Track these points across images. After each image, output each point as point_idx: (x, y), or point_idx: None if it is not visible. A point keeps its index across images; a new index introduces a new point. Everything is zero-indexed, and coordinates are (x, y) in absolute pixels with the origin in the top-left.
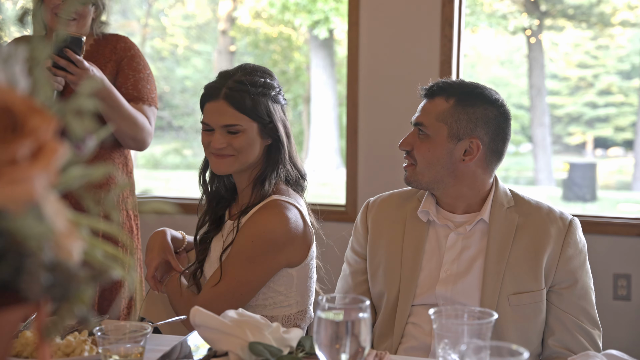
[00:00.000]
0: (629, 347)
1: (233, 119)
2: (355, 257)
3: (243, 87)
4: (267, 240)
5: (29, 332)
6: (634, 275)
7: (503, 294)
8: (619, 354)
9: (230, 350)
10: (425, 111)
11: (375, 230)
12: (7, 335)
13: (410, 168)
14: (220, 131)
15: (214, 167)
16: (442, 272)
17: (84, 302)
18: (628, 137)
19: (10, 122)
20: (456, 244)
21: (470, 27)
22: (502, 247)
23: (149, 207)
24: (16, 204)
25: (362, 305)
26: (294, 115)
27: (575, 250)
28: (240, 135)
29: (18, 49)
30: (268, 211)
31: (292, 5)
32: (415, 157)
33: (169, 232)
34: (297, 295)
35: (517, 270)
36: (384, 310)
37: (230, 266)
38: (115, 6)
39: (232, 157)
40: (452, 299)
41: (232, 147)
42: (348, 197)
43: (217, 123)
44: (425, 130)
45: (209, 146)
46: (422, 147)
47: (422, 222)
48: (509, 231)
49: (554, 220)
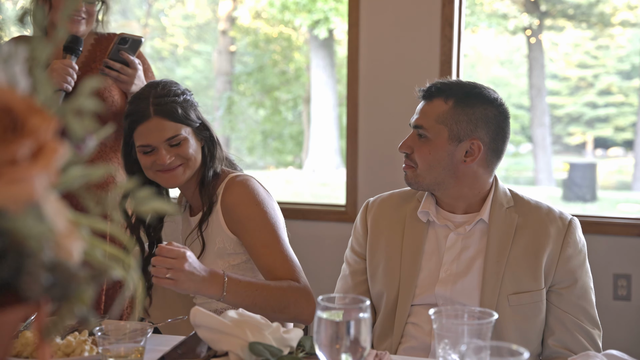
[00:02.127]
0: (629, 347)
1: (173, 130)
2: (355, 257)
3: (168, 99)
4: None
5: (29, 332)
6: (634, 275)
7: (503, 294)
8: (619, 354)
9: (230, 350)
10: (424, 113)
11: (374, 230)
12: (7, 335)
13: (411, 170)
14: (163, 147)
15: (166, 182)
16: (442, 272)
17: (84, 302)
18: (628, 137)
19: (10, 122)
20: (456, 244)
21: (470, 27)
22: (501, 247)
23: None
24: (16, 204)
25: (362, 305)
26: (294, 115)
27: (575, 250)
28: (183, 143)
29: (18, 49)
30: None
31: (292, 5)
32: (416, 160)
33: None
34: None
35: (517, 270)
36: (384, 310)
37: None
38: (115, 6)
39: (182, 166)
40: (451, 299)
41: (180, 157)
42: (348, 197)
43: (159, 140)
44: (425, 133)
45: (153, 166)
46: (423, 149)
47: (421, 222)
48: (509, 231)
49: (553, 220)
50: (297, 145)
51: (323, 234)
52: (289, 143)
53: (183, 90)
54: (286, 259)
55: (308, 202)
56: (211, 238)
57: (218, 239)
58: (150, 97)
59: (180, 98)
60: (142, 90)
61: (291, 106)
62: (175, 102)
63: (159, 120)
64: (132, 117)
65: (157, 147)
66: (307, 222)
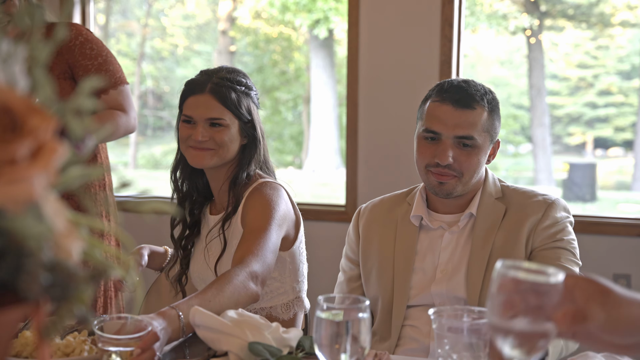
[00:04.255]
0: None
1: (218, 112)
2: (350, 264)
3: (228, 83)
4: (272, 211)
5: (29, 332)
6: (633, 275)
7: (488, 274)
8: None
9: (230, 350)
10: (472, 124)
11: (366, 235)
12: (6, 335)
13: (455, 180)
14: (203, 124)
15: (192, 160)
16: (438, 272)
17: (84, 302)
18: (628, 137)
19: (10, 122)
20: (451, 243)
21: (470, 27)
22: (487, 234)
23: (149, 207)
24: (16, 204)
25: (361, 305)
26: (294, 115)
27: (554, 221)
28: (223, 129)
29: (18, 49)
30: (260, 191)
31: (292, 5)
32: (461, 169)
33: (148, 248)
34: (291, 281)
35: (502, 252)
36: (380, 314)
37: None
38: (115, 6)
39: (212, 151)
40: (446, 295)
41: (214, 141)
42: (348, 197)
43: (201, 116)
44: (473, 143)
45: (188, 139)
46: (472, 159)
47: (413, 225)
48: (496, 219)
49: (535, 199)
50: (297, 145)
51: (323, 234)
52: (289, 143)
53: (248, 84)
54: (257, 243)
55: (308, 202)
56: (230, 239)
57: (235, 240)
58: (213, 75)
59: (240, 88)
60: (212, 68)
61: (291, 106)
62: (233, 89)
63: (210, 98)
64: (189, 86)
65: (197, 122)
66: (307, 222)
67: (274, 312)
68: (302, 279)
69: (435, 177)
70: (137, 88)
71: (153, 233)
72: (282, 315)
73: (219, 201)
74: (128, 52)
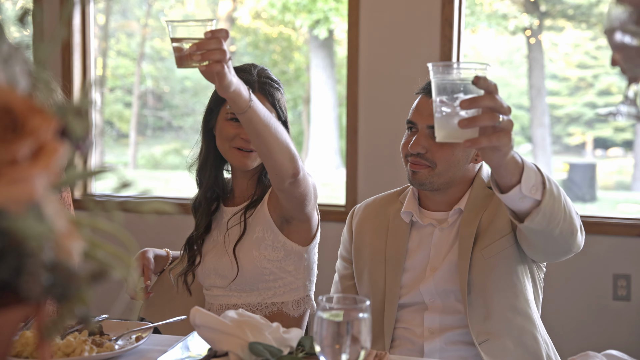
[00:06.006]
0: (629, 347)
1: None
2: (344, 263)
3: (271, 82)
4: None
5: (29, 332)
6: (633, 275)
7: (477, 250)
8: (619, 354)
9: (230, 351)
10: None
11: (359, 234)
12: (7, 335)
13: (427, 170)
14: None
15: (238, 161)
16: (428, 270)
17: (84, 302)
18: (628, 137)
19: (10, 122)
20: (440, 240)
21: (470, 27)
22: (474, 214)
23: (149, 207)
24: (16, 204)
25: (362, 305)
26: (294, 115)
27: None
28: None
29: (18, 49)
30: None
31: (293, 5)
32: (434, 159)
33: (152, 252)
34: (304, 278)
35: (488, 229)
36: (372, 313)
37: None
38: (115, 6)
39: (255, 153)
40: (435, 290)
41: None
42: (348, 197)
43: None
44: None
45: (234, 138)
46: (445, 150)
47: (404, 223)
48: (483, 203)
49: None
50: (297, 145)
51: (323, 233)
52: None
53: (279, 81)
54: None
55: None
56: (252, 226)
57: (258, 227)
58: (254, 73)
59: (280, 87)
60: (244, 65)
61: (291, 106)
62: (277, 87)
63: (259, 96)
64: None
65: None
66: None
67: (285, 308)
68: (313, 278)
69: (410, 166)
70: (137, 88)
71: (153, 233)
72: (292, 312)
73: (239, 194)
74: (128, 52)
